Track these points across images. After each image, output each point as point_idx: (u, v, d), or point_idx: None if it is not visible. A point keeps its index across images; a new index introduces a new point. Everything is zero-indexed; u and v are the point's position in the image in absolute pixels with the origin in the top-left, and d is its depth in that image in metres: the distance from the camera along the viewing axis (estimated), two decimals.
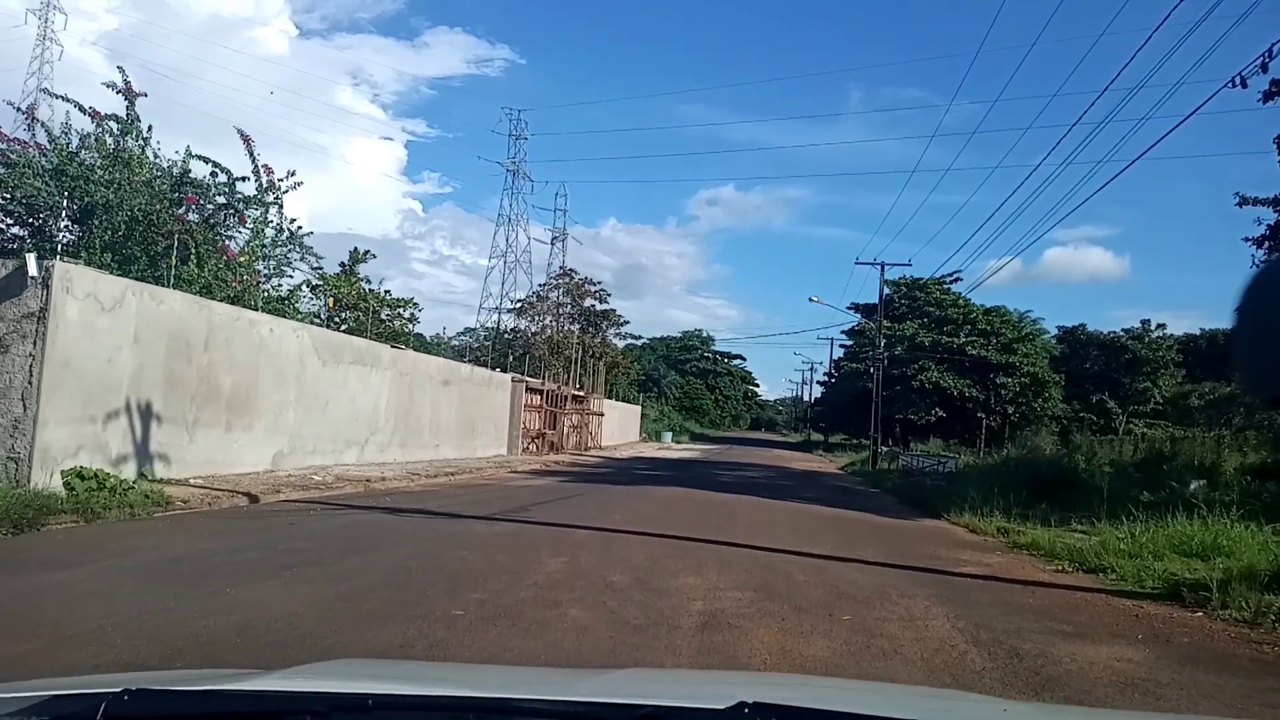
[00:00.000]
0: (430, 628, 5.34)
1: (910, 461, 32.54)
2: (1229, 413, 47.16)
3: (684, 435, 75.82)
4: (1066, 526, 14.15)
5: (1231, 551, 9.30)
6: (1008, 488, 17.90)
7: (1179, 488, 21.65)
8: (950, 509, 16.52)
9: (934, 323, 56.45)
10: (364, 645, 4.92)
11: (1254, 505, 13.01)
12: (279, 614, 5.57)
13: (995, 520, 14.60)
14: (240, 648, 4.74)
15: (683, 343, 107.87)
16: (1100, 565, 9.54)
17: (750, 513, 15.00)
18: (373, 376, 21.89)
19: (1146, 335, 63.43)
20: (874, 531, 13.53)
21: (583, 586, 7.03)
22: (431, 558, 8.24)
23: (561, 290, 48.16)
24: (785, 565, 8.79)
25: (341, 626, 5.33)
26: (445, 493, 16.09)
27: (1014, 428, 51.14)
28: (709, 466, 32.94)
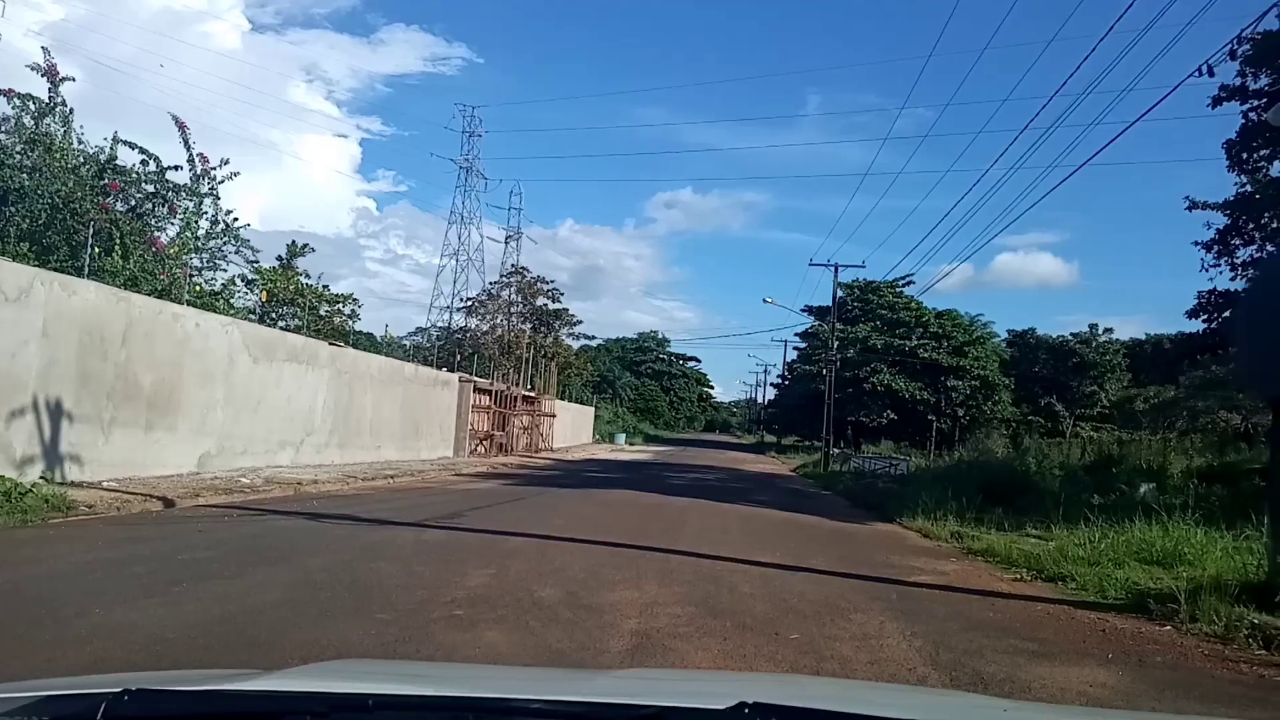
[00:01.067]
0: (320, 657, 4.65)
1: (862, 464, 32.34)
2: (1173, 416, 47.85)
3: (638, 437, 75.19)
4: (1021, 531, 13.81)
5: (1194, 559, 8.93)
6: (960, 491, 17.60)
7: (1129, 491, 21.58)
8: (903, 512, 16.13)
9: (886, 325, 56.59)
10: None
11: (1208, 509, 12.78)
12: (144, 642, 4.84)
13: (949, 525, 14.21)
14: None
15: (638, 344, 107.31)
16: (1059, 573, 9.11)
17: (700, 517, 14.43)
18: (309, 375, 20.96)
19: (1094, 339, 64.32)
20: (826, 537, 13.04)
21: (506, 603, 6.37)
22: (344, 570, 7.51)
23: (513, 289, 47.19)
24: (732, 576, 8.21)
25: (215, 658, 4.61)
26: (380, 497, 15.29)
27: (964, 430, 51.41)
28: (661, 469, 32.38)
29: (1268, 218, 23.53)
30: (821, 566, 9.27)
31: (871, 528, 15.16)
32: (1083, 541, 10.82)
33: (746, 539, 11.69)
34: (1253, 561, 7.82)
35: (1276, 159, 23.56)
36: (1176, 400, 50.47)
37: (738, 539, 11.59)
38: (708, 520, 14.05)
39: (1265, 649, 5.99)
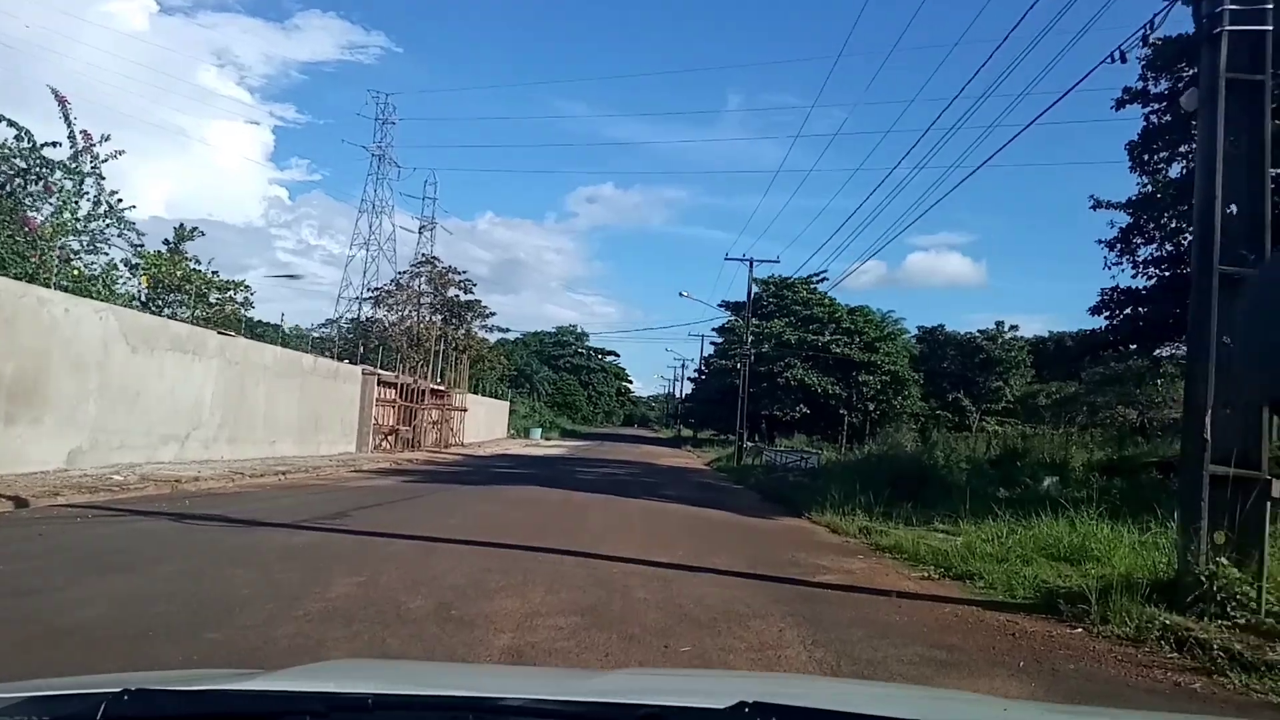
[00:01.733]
0: None
1: (774, 457, 32.27)
2: (1074, 411, 49.44)
3: (554, 432, 74.22)
4: (929, 526, 13.64)
5: (1102, 556, 8.75)
6: (869, 485, 17.48)
7: (1034, 484, 21.89)
8: (812, 507, 15.86)
9: (800, 321, 57.03)
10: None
11: (1110, 502, 12.79)
12: None
13: (857, 519, 13.97)
14: None
15: (556, 338, 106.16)
16: (967, 571, 8.82)
17: (604, 514, 13.85)
18: (196, 365, 19.66)
19: (1000, 336, 66.04)
20: (732, 533, 12.61)
21: (367, 617, 5.67)
22: (190, 580, 6.68)
23: (423, 279, 45.68)
24: (628, 579, 7.64)
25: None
26: (265, 495, 14.28)
27: (875, 424, 52.10)
28: (573, 464, 31.73)
29: (1167, 217, 24.08)
30: (725, 566, 8.79)
31: (780, 523, 14.83)
32: (990, 537, 10.64)
33: (650, 537, 11.16)
34: (1161, 559, 7.63)
35: (1176, 160, 24.17)
36: (1077, 396, 52.19)
37: (641, 537, 11.06)
38: (612, 517, 13.49)
39: (1178, 651, 5.70)
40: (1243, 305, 6.27)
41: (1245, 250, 6.89)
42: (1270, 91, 7.05)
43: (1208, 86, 7.07)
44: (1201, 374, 6.81)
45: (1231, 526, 6.52)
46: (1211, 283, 6.82)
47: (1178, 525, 7.03)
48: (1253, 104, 7.05)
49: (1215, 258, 6.86)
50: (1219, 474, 6.62)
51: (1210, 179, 6.99)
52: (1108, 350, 29.19)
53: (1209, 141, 7.08)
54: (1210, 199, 6.97)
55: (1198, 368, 6.92)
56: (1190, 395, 7.11)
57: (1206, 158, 7.09)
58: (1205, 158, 7.12)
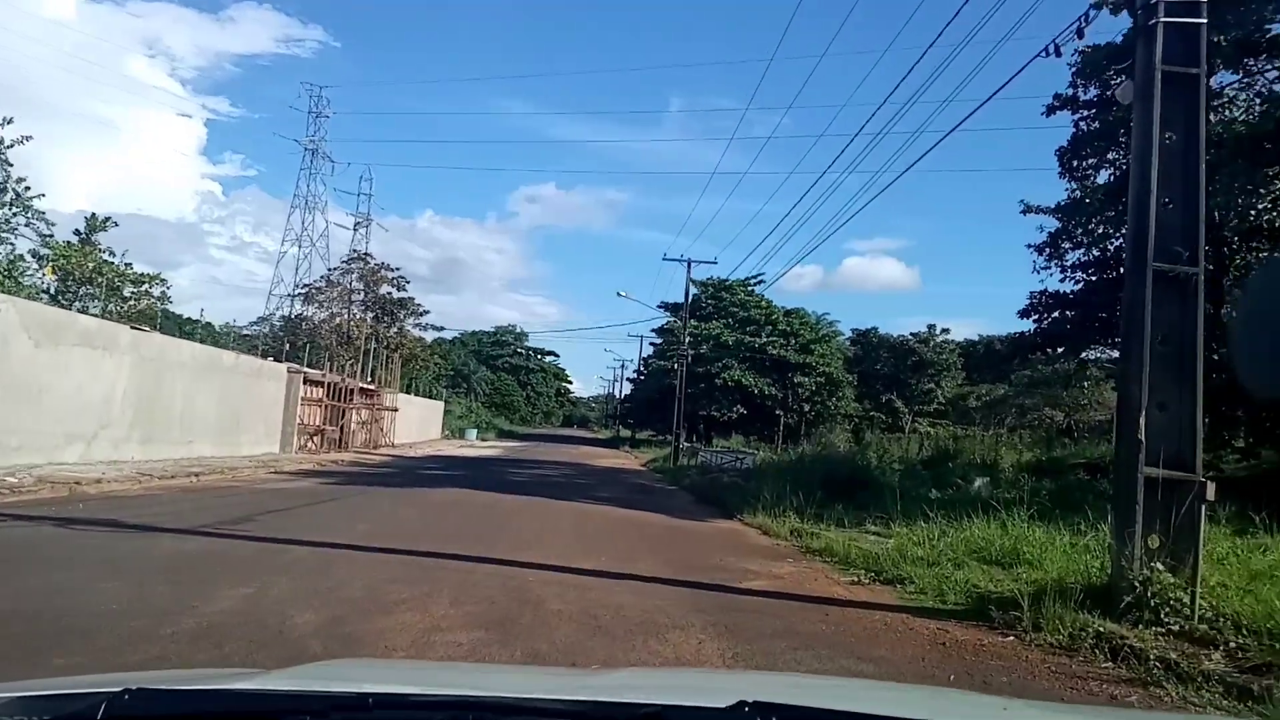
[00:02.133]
0: None
1: (709, 458, 32.02)
2: (1003, 413, 50.37)
3: (491, 432, 73.11)
4: (861, 527, 13.45)
5: (1033, 559, 8.56)
6: (803, 486, 17.31)
7: (965, 485, 22.00)
8: (744, 509, 15.59)
9: (738, 323, 57.05)
10: None
11: (1040, 503, 12.74)
12: None
13: (789, 521, 13.72)
14: None
15: (495, 338, 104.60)
16: (899, 575, 8.55)
17: (531, 518, 13.36)
18: (106, 361, 18.62)
19: (932, 339, 67.04)
20: (662, 537, 12.23)
21: (243, 636, 5.12)
22: (54, 594, 6.02)
23: (355, 276, 44.39)
24: (543, 588, 7.17)
25: None
26: (170, 498, 13.45)
27: (810, 425, 52.47)
28: (506, 465, 31.09)
29: (1095, 222, 24.45)
30: (649, 572, 8.39)
31: (712, 525, 14.50)
32: (922, 539, 10.42)
33: (576, 541, 10.71)
34: (1094, 563, 7.44)
35: (1104, 167, 24.56)
36: (1007, 398, 53.20)
37: (566, 542, 10.60)
38: (539, 520, 13.01)
39: (1112, 661, 5.46)
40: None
41: (1180, 247, 6.72)
42: (1206, 86, 6.91)
43: (1143, 79, 6.89)
44: (1135, 373, 6.62)
45: (1165, 530, 6.33)
46: (1145, 280, 6.63)
47: (1111, 529, 6.84)
48: (1188, 98, 6.89)
49: (1150, 255, 6.67)
50: (1153, 476, 6.43)
51: (1145, 174, 6.81)
52: (1036, 353, 29.58)
53: (1144, 135, 6.89)
54: (1145, 194, 6.78)
55: (1131, 367, 6.73)
56: (1124, 395, 6.92)
57: (1142, 152, 6.91)
58: (1140, 152, 6.94)
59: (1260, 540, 9.55)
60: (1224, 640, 5.52)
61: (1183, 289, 6.68)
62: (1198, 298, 6.66)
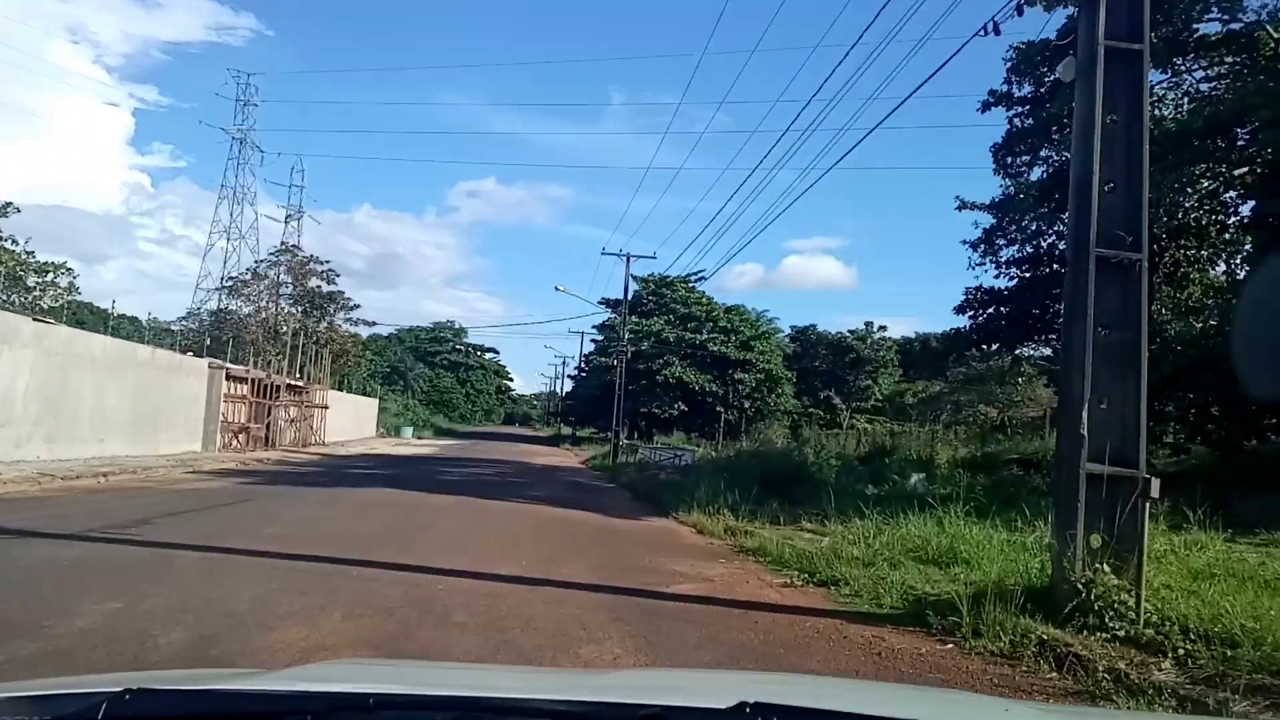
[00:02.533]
0: None
1: (649, 455, 31.64)
2: (938, 410, 50.93)
3: (428, 430, 71.66)
4: (796, 525, 13.12)
5: (971, 558, 8.25)
6: (739, 482, 17.01)
7: (901, 480, 21.94)
8: (680, 506, 15.17)
9: (679, 320, 56.76)
10: None
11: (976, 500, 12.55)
12: None
13: (724, 519, 13.33)
14: None
15: (433, 334, 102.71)
16: (833, 576, 8.16)
17: (456, 519, 12.73)
18: (5, 355, 17.47)
19: (869, 336, 67.65)
20: (592, 537, 11.71)
21: (97, 659, 4.46)
22: None
23: (283, 268, 42.86)
24: (451, 597, 6.60)
25: None
26: (68, 500, 12.52)
27: (750, 421, 52.44)
28: (439, 463, 30.27)
29: (1029, 219, 24.59)
30: (571, 577, 7.87)
31: (645, 524, 14.04)
32: (857, 538, 10.08)
33: (499, 544, 10.14)
34: (1033, 563, 7.13)
35: (1037, 164, 24.73)
36: (942, 395, 53.89)
37: (489, 544, 10.02)
38: (465, 521, 12.40)
39: (1057, 670, 5.10)
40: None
41: (1123, 231, 6.42)
42: (1149, 62, 6.63)
43: (1086, 54, 6.58)
44: (1078, 364, 6.30)
45: (1109, 529, 6.02)
46: (1088, 266, 6.31)
47: (1052, 528, 6.52)
48: (1131, 75, 6.59)
49: (1092, 240, 6.36)
50: (1096, 473, 6.11)
51: (1087, 156, 6.50)
52: (972, 349, 29.76)
53: (1087, 113, 6.58)
54: (1087, 177, 6.47)
55: (1073, 358, 6.41)
56: (1065, 388, 6.60)
57: (1084, 130, 6.59)
58: (1083, 130, 6.62)
59: (1195, 537, 9.41)
60: (1172, 647, 5.20)
61: (1126, 275, 6.39)
62: (1141, 284, 6.37)
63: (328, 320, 44.21)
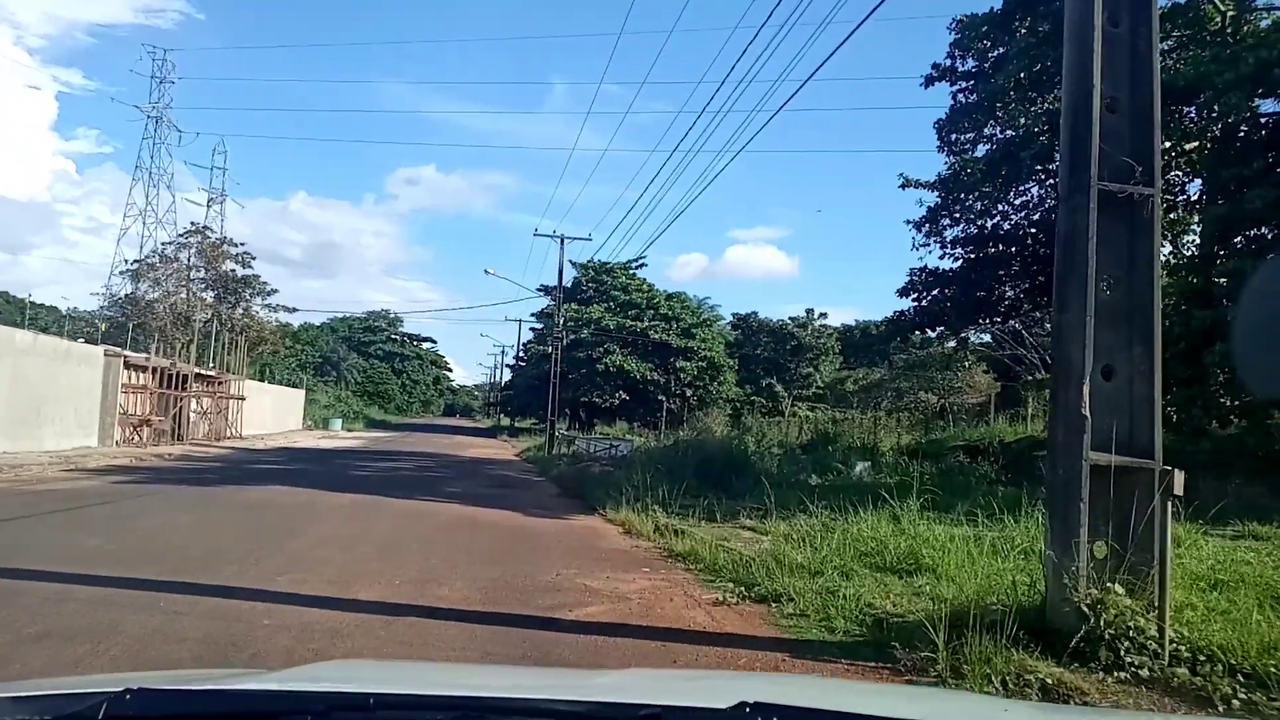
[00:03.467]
0: None
1: (585, 446, 30.08)
2: (879, 397, 50.33)
3: (359, 422, 69.00)
4: (735, 521, 11.80)
5: (936, 567, 6.93)
6: (675, 474, 15.69)
7: (846, 469, 20.82)
8: (608, 502, 13.71)
9: (619, 307, 55.21)
10: None
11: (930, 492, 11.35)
12: None
13: (654, 517, 11.93)
14: None
15: (366, 323, 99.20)
16: (774, 590, 6.77)
17: (341, 523, 11.08)
18: None
19: (810, 323, 66.96)
20: (500, 542, 10.18)
21: None
22: None
23: (193, 250, 40.12)
24: (273, 639, 4.98)
25: None
26: None
27: (692, 410, 51.24)
28: (359, 457, 28.41)
29: (974, 198, 23.62)
30: (450, 601, 6.34)
31: (566, 523, 12.55)
32: (803, 539, 8.73)
33: (377, 556, 8.54)
34: (1018, 574, 5.81)
35: (981, 142, 23.75)
36: (883, 382, 53.31)
37: (362, 557, 8.42)
38: (349, 526, 10.75)
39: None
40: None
41: (1131, 160, 5.11)
42: None
43: None
44: (1075, 329, 4.98)
45: (1120, 536, 4.71)
46: (1089, 204, 4.98)
47: (1045, 533, 5.17)
48: None
49: (1093, 172, 5.03)
50: (1101, 464, 4.80)
51: (1085, 66, 5.16)
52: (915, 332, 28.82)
53: (1083, 16, 5.24)
54: (1085, 90, 5.13)
55: (1070, 321, 5.08)
56: (1060, 359, 5.27)
57: (1079, 33, 5.24)
58: (1077, 33, 5.26)
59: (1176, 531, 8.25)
60: (1219, 693, 3.90)
61: (1135, 214, 5.08)
62: (1155, 226, 5.07)
63: (243, 306, 41.60)
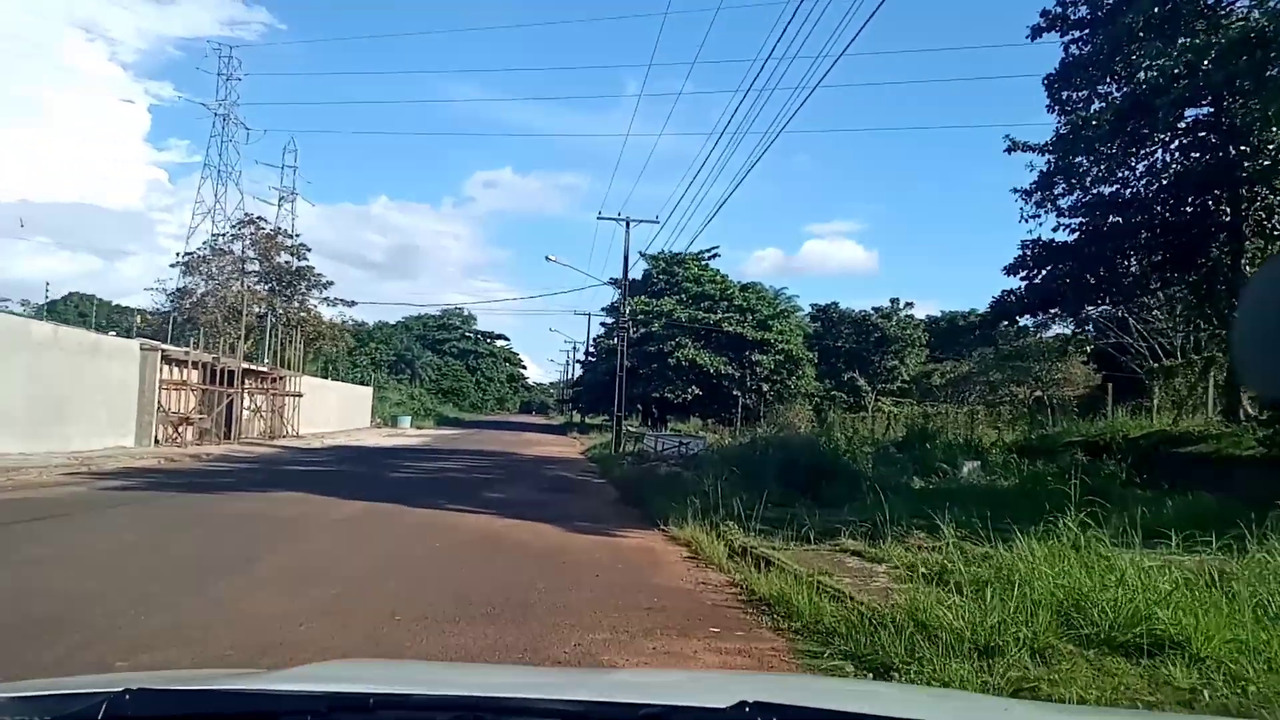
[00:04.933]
0: None
1: (652, 444, 27.64)
2: (966, 391, 46.72)
3: (429, 419, 67.95)
4: (834, 541, 9.16)
5: (1184, 638, 4.23)
6: (755, 477, 13.22)
7: (951, 470, 17.92)
8: (673, 513, 11.22)
9: (692, 299, 52.44)
10: None
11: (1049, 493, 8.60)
12: None
13: (731, 532, 9.43)
14: None
15: (441, 321, 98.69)
16: (932, 674, 4.20)
17: (322, 544, 8.85)
18: None
19: (895, 313, 63.29)
20: (512, 577, 7.72)
21: None
22: None
23: (246, 242, 38.84)
24: None
25: None
26: None
27: (769, 405, 48.30)
28: (411, 456, 26.57)
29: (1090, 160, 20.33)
30: None
31: (616, 543, 10.08)
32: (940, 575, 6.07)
33: (328, 607, 6.22)
34: None
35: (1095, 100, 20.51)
36: (970, 375, 49.60)
37: (305, 608, 6.08)
38: (334, 549, 8.49)
39: None
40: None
41: None
42: None
43: None
44: None
45: None
46: None
47: None
48: None
49: None
50: None
51: None
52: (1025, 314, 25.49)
53: None
54: None
55: None
56: None
57: None
58: None
59: None
60: None
61: None
62: None
63: (298, 299, 40.10)
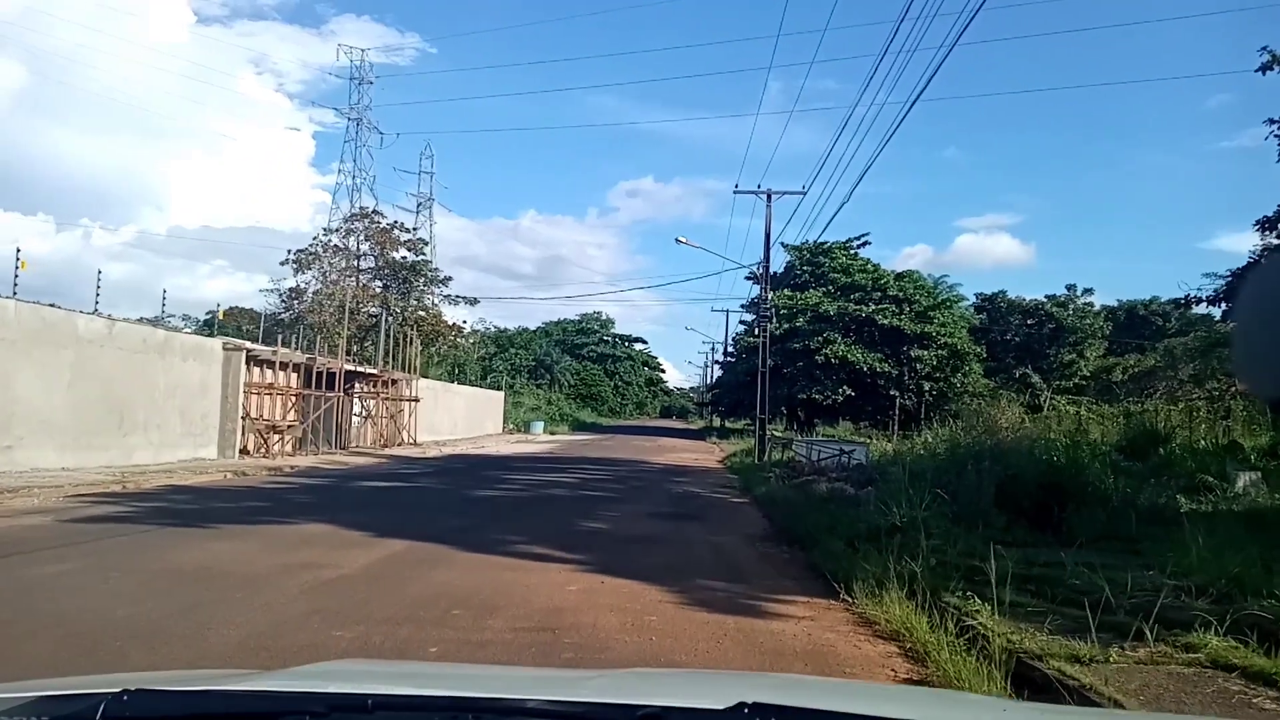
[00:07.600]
0: None
1: (805, 451, 23.14)
2: (1150, 387, 39.73)
3: (563, 425, 65.25)
4: (1171, 633, 4.72)
5: None
6: (961, 499, 8.85)
7: (1220, 484, 12.85)
8: (858, 568, 6.96)
9: (840, 291, 47.09)
10: None
11: None
12: None
13: (972, 609, 5.16)
14: None
15: (579, 326, 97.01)
16: None
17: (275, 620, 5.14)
18: None
19: (1072, 302, 56.04)
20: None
21: None
22: None
23: (360, 236, 36.56)
24: None
25: None
26: None
27: (930, 407, 42.52)
28: (522, 467, 23.14)
29: None
30: None
31: (766, 634, 5.83)
32: None
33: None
34: None
35: None
36: (1156, 370, 42.43)
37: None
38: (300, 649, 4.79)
39: None
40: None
41: None
42: None
43: None
44: None
45: None
46: None
47: None
48: None
49: None
50: None
51: None
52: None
53: None
54: None
55: None
56: None
57: None
58: None
59: None
60: None
61: None
62: None
63: (415, 296, 37.51)
